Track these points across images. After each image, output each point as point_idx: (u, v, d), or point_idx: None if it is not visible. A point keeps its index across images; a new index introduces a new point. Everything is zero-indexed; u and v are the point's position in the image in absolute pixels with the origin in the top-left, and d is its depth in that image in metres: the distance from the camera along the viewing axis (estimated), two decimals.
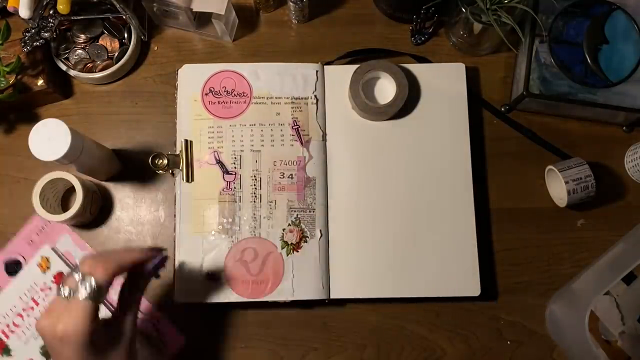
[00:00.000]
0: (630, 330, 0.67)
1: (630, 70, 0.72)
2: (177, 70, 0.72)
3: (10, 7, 0.67)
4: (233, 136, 0.71)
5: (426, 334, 0.70)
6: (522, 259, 0.72)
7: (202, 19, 0.75)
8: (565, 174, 0.69)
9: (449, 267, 0.69)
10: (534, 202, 0.74)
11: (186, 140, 0.70)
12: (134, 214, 0.73)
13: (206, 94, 0.72)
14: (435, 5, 0.71)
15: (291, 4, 0.74)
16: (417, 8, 0.73)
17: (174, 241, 0.69)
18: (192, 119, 0.71)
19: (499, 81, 0.77)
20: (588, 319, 0.61)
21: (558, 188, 0.72)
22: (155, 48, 0.77)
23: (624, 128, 0.76)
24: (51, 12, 0.70)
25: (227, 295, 0.67)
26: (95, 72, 0.74)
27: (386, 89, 0.72)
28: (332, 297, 0.68)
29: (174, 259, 0.68)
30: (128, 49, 0.74)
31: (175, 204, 0.69)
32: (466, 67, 0.75)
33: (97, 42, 0.75)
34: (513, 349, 0.70)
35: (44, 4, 0.69)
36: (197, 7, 0.70)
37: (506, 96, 0.76)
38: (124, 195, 0.73)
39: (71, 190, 0.72)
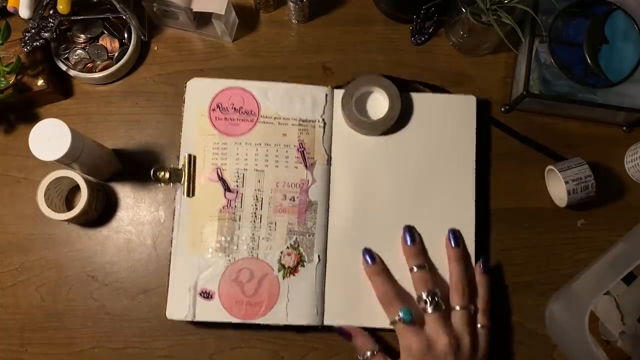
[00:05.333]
0: (630, 330, 0.67)
1: (630, 70, 0.72)
2: (186, 83, 0.72)
3: (10, 7, 0.67)
4: (237, 154, 0.70)
5: None
6: (522, 259, 0.72)
7: (202, 19, 0.75)
8: (565, 174, 0.69)
9: None
10: (534, 202, 0.74)
11: (190, 155, 0.69)
12: (134, 214, 0.73)
13: (213, 110, 0.71)
14: (435, 5, 0.71)
15: (291, 4, 0.74)
16: (417, 8, 0.73)
17: (170, 255, 0.68)
18: (197, 134, 0.70)
19: (499, 81, 0.77)
20: (588, 319, 0.61)
21: (558, 188, 0.72)
22: (155, 48, 0.77)
23: (624, 128, 0.76)
24: (51, 12, 0.70)
25: (219, 315, 0.66)
26: (95, 72, 0.74)
27: (380, 104, 0.72)
28: (325, 323, 0.67)
29: (169, 274, 0.68)
30: (128, 49, 0.74)
31: (173, 218, 0.69)
32: (466, 67, 0.75)
33: (97, 42, 0.75)
34: (513, 349, 0.70)
35: (44, 4, 0.69)
36: (197, 7, 0.70)
37: (506, 96, 0.76)
38: (124, 195, 0.73)
39: (75, 190, 0.72)
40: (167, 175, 0.67)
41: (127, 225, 0.72)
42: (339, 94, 0.72)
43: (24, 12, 0.67)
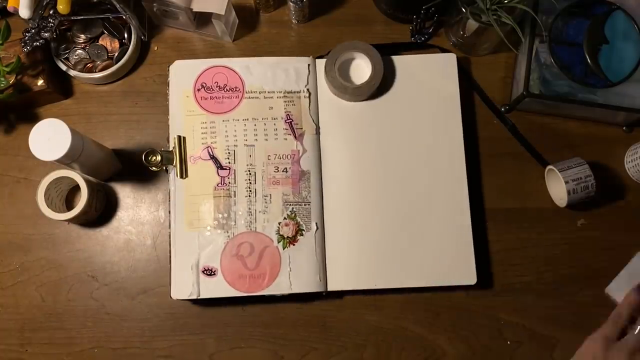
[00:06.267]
0: None
1: (630, 70, 0.72)
2: (169, 66, 0.72)
3: (10, 7, 0.67)
4: (226, 131, 0.71)
5: (426, 334, 0.70)
6: (522, 259, 0.72)
7: (202, 19, 0.75)
8: (565, 174, 0.69)
9: (444, 257, 0.69)
10: (534, 202, 0.74)
11: (179, 137, 0.70)
12: (134, 214, 0.73)
13: (198, 90, 0.72)
14: (435, 5, 0.71)
15: (291, 4, 0.74)
16: (417, 8, 0.73)
17: (169, 237, 0.69)
18: (184, 115, 0.71)
19: (499, 81, 0.77)
20: None
21: (558, 188, 0.72)
22: (155, 48, 0.77)
23: (624, 128, 0.76)
24: (51, 12, 0.70)
25: (224, 291, 0.67)
26: (95, 72, 0.74)
27: (362, 69, 0.73)
28: (329, 289, 0.68)
29: (170, 256, 0.68)
30: (128, 49, 0.74)
31: (169, 200, 0.69)
32: (466, 66, 0.75)
33: (97, 42, 0.75)
34: (513, 349, 0.70)
35: (44, 4, 0.69)
36: (197, 7, 0.70)
37: (506, 96, 0.76)
38: (124, 195, 0.73)
39: (75, 190, 0.72)
40: (159, 158, 0.67)
41: (127, 225, 0.72)
42: (321, 63, 0.73)
43: (24, 12, 0.67)
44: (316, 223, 0.69)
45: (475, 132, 0.75)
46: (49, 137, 0.59)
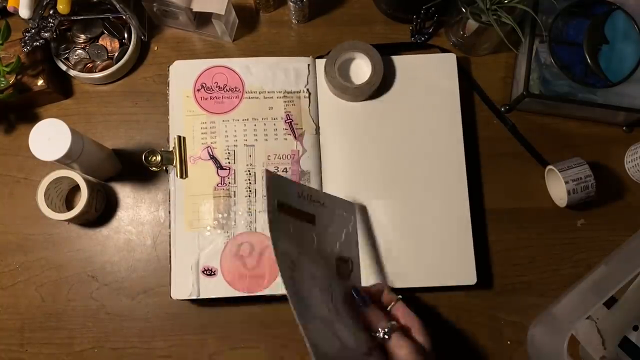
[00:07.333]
0: (611, 355, 0.66)
1: (630, 70, 0.72)
2: (169, 66, 0.72)
3: (10, 7, 0.67)
4: (226, 131, 0.71)
5: None
6: (522, 259, 0.73)
7: (202, 19, 0.75)
8: (565, 174, 0.69)
9: (444, 257, 0.69)
10: (534, 202, 0.74)
11: (179, 137, 0.70)
12: (134, 214, 0.73)
13: (198, 90, 0.72)
14: (435, 5, 0.72)
15: (291, 4, 0.74)
16: (417, 8, 0.73)
17: (169, 238, 0.69)
18: (184, 115, 0.71)
19: (499, 81, 0.77)
20: (567, 343, 0.60)
21: (558, 188, 0.72)
22: (155, 48, 0.77)
23: (624, 128, 0.76)
24: (51, 12, 0.70)
25: (224, 291, 0.67)
26: (95, 72, 0.74)
27: (362, 69, 0.73)
28: None
29: (170, 256, 0.68)
30: (128, 49, 0.74)
31: (169, 201, 0.70)
32: (466, 66, 0.74)
33: (97, 42, 0.75)
34: (513, 349, 0.70)
35: (44, 4, 0.69)
36: (197, 7, 0.70)
37: (506, 96, 0.76)
38: (124, 195, 0.73)
39: (74, 190, 0.72)
40: (159, 158, 0.67)
41: (127, 225, 0.72)
42: (321, 63, 0.73)
43: (24, 12, 0.67)
44: None
45: (475, 132, 0.75)
46: (49, 137, 0.59)
